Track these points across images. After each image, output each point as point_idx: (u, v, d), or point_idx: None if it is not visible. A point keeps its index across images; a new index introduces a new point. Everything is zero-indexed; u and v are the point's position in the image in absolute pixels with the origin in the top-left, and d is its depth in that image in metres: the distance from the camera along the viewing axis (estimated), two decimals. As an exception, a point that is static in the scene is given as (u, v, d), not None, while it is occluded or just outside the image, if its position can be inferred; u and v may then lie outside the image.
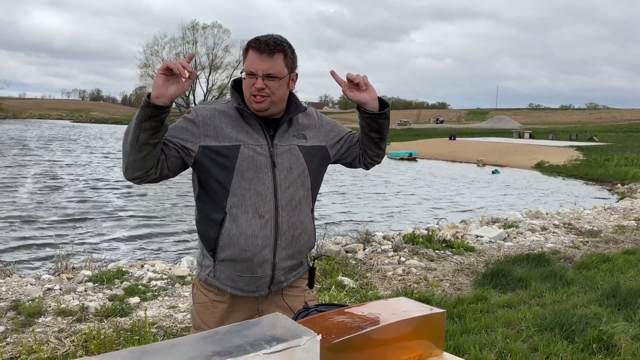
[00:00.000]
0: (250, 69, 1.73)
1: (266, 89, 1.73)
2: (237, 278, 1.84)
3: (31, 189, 14.80)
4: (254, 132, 1.80)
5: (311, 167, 1.87)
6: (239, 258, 1.80)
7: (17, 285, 4.59)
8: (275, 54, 1.72)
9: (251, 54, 1.74)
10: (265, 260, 1.80)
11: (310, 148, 1.88)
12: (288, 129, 1.86)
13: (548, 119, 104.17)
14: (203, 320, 1.90)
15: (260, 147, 1.78)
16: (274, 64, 1.73)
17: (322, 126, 1.95)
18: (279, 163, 1.79)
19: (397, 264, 5.76)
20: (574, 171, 24.06)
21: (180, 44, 66.03)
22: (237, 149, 1.76)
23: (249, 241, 1.77)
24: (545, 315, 4.07)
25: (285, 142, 1.83)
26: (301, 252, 1.90)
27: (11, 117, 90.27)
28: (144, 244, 8.94)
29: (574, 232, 7.93)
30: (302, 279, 1.98)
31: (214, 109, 1.82)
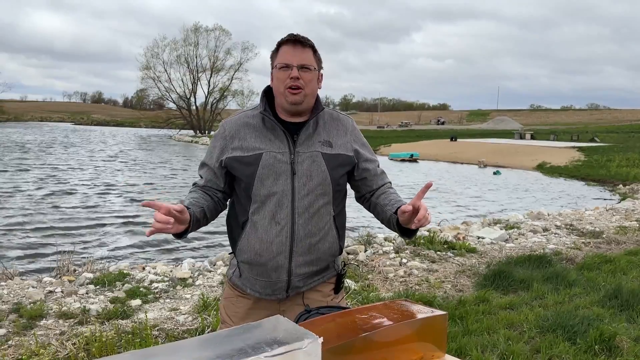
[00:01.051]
0: (285, 61, 1.77)
1: (301, 80, 1.77)
2: (254, 280, 1.87)
3: (32, 192, 14.81)
4: (276, 139, 1.81)
5: (334, 175, 1.84)
6: (254, 262, 1.84)
7: (18, 287, 4.59)
8: (307, 46, 1.80)
9: (284, 49, 1.79)
10: (279, 265, 1.81)
11: (335, 156, 1.85)
12: (313, 134, 1.85)
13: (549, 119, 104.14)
14: (228, 314, 1.97)
15: (282, 154, 1.80)
16: (307, 55, 1.80)
17: (354, 139, 1.93)
18: (298, 170, 1.79)
19: (399, 265, 5.75)
20: (576, 172, 24.03)
21: (181, 46, 66.17)
22: (259, 157, 1.79)
23: (264, 246, 1.80)
24: (548, 316, 4.06)
25: (308, 148, 1.82)
26: (322, 259, 1.88)
27: (13, 119, 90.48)
28: (145, 246, 8.94)
29: (576, 233, 7.92)
30: (327, 284, 1.95)
31: (240, 121, 1.87)
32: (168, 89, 66.23)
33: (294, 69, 1.76)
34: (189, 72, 66.77)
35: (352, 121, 1.97)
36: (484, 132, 59.86)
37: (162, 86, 65.77)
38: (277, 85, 1.80)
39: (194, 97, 67.72)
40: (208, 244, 9.14)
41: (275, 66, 1.81)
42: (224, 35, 67.13)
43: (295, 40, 1.78)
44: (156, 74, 64.69)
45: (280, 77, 1.78)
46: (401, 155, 32.94)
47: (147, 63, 64.43)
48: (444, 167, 28.81)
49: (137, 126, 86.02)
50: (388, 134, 54.16)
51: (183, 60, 66.18)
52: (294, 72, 1.76)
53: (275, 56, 1.83)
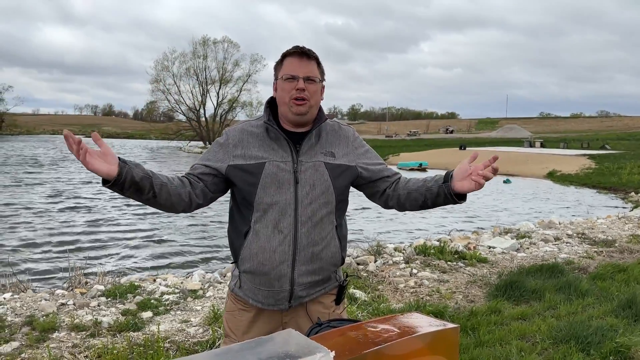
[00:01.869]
0: (291, 72, 1.80)
1: (306, 91, 1.80)
2: (257, 290, 1.88)
3: (44, 206, 14.95)
4: (280, 149, 1.83)
5: (336, 184, 1.86)
6: (257, 271, 1.84)
7: (31, 300, 4.63)
8: (312, 59, 1.84)
9: (290, 60, 1.82)
10: (282, 274, 1.82)
11: (337, 166, 1.87)
12: (316, 144, 1.87)
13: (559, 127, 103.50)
14: (231, 327, 1.97)
15: (285, 163, 1.81)
16: (312, 67, 1.83)
17: (356, 148, 1.95)
18: (301, 179, 1.81)
19: (409, 276, 5.72)
20: (587, 180, 23.84)
21: (190, 59, 66.77)
22: (262, 166, 1.81)
23: (267, 255, 1.81)
24: (560, 327, 4.02)
25: (311, 158, 1.84)
26: (324, 269, 1.89)
27: (25, 133, 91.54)
28: (156, 258, 8.97)
29: (588, 242, 7.84)
30: (329, 295, 1.96)
31: (243, 130, 1.89)
32: (178, 101, 66.82)
33: (300, 80, 1.79)
34: (198, 84, 67.35)
35: (352, 131, 1.99)
36: (494, 141, 59.63)
37: (172, 98, 66.37)
38: (282, 95, 1.83)
39: (203, 108, 68.22)
40: (218, 256, 9.16)
41: (280, 77, 1.84)
42: (232, 47, 67.72)
43: (302, 53, 1.82)
44: (166, 86, 65.33)
45: (286, 88, 1.81)
46: (410, 165, 32.88)
47: (157, 76, 65.10)
48: (453, 176, 28.68)
49: (147, 138, 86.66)
50: (396, 143, 54.13)
51: (192, 73, 66.80)
52: (300, 84, 1.79)
53: (279, 67, 1.86)
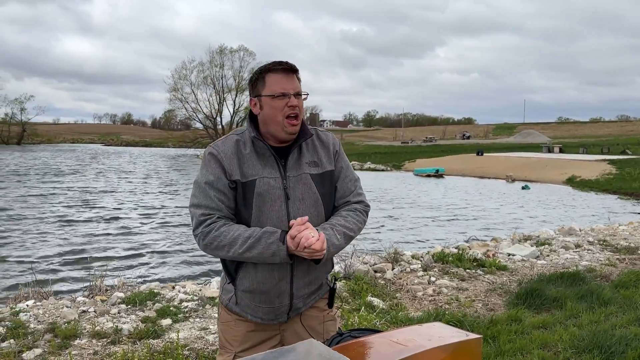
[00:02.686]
0: (281, 89, 1.76)
1: (296, 107, 1.78)
2: (257, 308, 1.88)
3: (65, 214, 15.18)
4: (267, 165, 1.82)
5: (323, 192, 1.87)
6: (257, 290, 1.84)
7: (53, 307, 4.69)
8: (297, 73, 1.82)
9: (276, 76, 1.78)
10: (282, 291, 1.83)
11: (321, 175, 1.87)
12: (300, 157, 1.86)
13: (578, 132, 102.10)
14: (227, 338, 1.96)
15: (274, 179, 1.80)
16: (298, 82, 1.82)
17: (337, 160, 1.94)
18: (291, 195, 1.81)
19: (427, 283, 5.68)
20: (607, 185, 23.46)
21: (207, 68, 67.43)
22: (253, 183, 1.79)
23: (266, 274, 1.81)
24: (583, 336, 3.95)
25: (297, 171, 1.84)
26: (319, 278, 1.93)
27: (46, 142, 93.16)
28: (174, 265, 9.05)
29: (610, 249, 7.70)
30: (322, 299, 1.99)
31: (230, 147, 1.85)
32: (195, 110, 67.50)
33: (292, 97, 1.76)
34: (215, 93, 67.98)
35: (332, 136, 1.99)
36: (511, 146, 59.00)
37: (189, 107, 67.08)
38: (272, 114, 1.78)
39: (220, 116, 68.80)
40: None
41: (266, 94, 1.78)
42: (248, 56, 68.26)
43: (287, 69, 1.78)
44: (183, 95, 66.07)
45: (278, 105, 1.76)
46: (426, 171, 32.70)
47: (174, 85, 65.88)
48: (470, 182, 28.46)
49: (165, 146, 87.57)
50: (412, 149, 53.89)
51: (209, 81, 67.46)
52: (292, 101, 1.76)
53: (261, 85, 1.80)
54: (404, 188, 24.82)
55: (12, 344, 3.80)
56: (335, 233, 1.78)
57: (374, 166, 39.25)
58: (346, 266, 5.90)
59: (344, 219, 1.85)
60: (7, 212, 14.77)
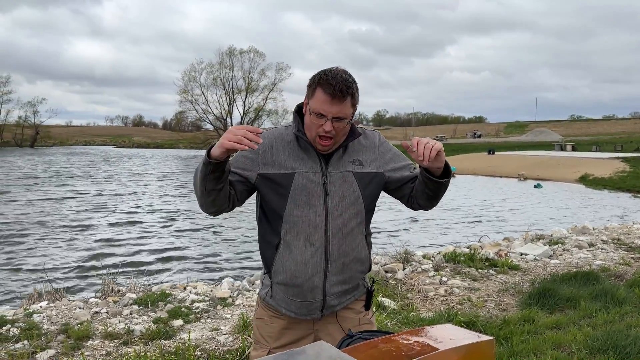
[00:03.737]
0: (320, 110, 1.72)
1: (332, 130, 1.74)
2: (290, 301, 1.88)
3: (77, 216, 15.33)
4: (309, 160, 1.82)
5: (366, 193, 1.85)
6: (290, 283, 1.85)
7: (66, 309, 4.73)
8: (346, 97, 1.72)
9: (322, 95, 1.71)
10: (315, 286, 1.83)
11: (366, 174, 1.86)
12: (343, 155, 1.85)
13: (590, 130, 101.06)
14: (262, 334, 1.98)
15: (314, 174, 1.80)
16: (344, 107, 1.73)
17: (383, 153, 1.92)
18: (331, 191, 1.80)
19: (439, 284, 5.65)
20: (621, 183, 23.20)
21: (217, 69, 67.77)
22: (292, 176, 1.79)
23: (300, 268, 1.81)
24: (597, 336, 3.90)
25: (339, 169, 1.83)
26: (354, 278, 1.90)
27: (59, 144, 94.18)
28: (186, 266, 9.09)
29: (624, 248, 7.60)
30: (359, 301, 1.98)
31: (273, 135, 1.86)
32: (205, 111, 67.91)
33: (327, 122, 1.72)
34: (225, 94, 68.31)
35: (378, 135, 1.97)
36: (523, 145, 58.53)
37: (200, 108, 67.51)
38: (309, 126, 1.78)
39: (230, 117, 69.13)
40: (246, 264, 9.22)
41: (310, 110, 1.75)
42: (258, 57, 68.54)
43: (334, 94, 1.69)
44: (194, 96, 66.49)
45: (314, 122, 1.75)
46: (437, 170, 32.51)
47: (184, 87, 66.31)
48: (482, 181, 28.28)
49: (176, 147, 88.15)
50: (423, 149, 53.49)
51: (219, 83, 67.84)
52: (327, 126, 1.72)
53: (311, 94, 1.76)
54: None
55: (26, 345, 3.84)
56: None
57: (385, 166, 39.08)
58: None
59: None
60: (20, 216, 14.95)
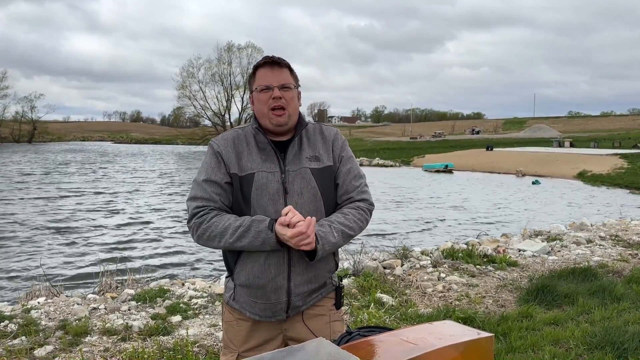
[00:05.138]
0: (265, 83, 1.82)
1: (282, 99, 1.81)
2: (253, 304, 1.87)
3: (76, 213, 15.31)
4: (267, 159, 1.84)
5: (324, 189, 1.85)
6: (253, 285, 1.83)
7: (64, 305, 4.73)
8: (284, 66, 1.85)
9: (262, 72, 1.84)
10: (279, 287, 1.81)
11: (323, 170, 1.87)
12: (300, 151, 1.87)
13: (589, 126, 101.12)
14: (230, 337, 1.96)
15: (273, 174, 1.81)
16: (285, 75, 1.85)
17: (335, 149, 1.93)
18: (290, 189, 1.81)
19: (437, 280, 5.65)
20: (619, 180, 23.25)
21: (215, 65, 67.62)
22: (252, 177, 1.81)
23: (262, 268, 1.80)
24: (595, 332, 3.91)
25: (296, 165, 1.84)
26: (320, 276, 1.89)
27: (56, 140, 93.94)
28: (184, 262, 9.09)
29: (622, 244, 7.62)
30: (327, 299, 1.95)
31: (233, 139, 1.89)
32: (203, 107, 67.82)
33: (275, 89, 1.80)
34: (223, 90, 68.19)
35: (335, 131, 1.99)
36: (521, 141, 58.54)
37: (198, 104, 67.40)
38: (259, 107, 1.84)
39: (228, 113, 69.06)
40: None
41: (255, 89, 1.85)
42: (256, 52, 68.32)
43: (273, 62, 1.84)
44: (192, 92, 66.37)
45: (262, 99, 1.82)
46: (435, 166, 32.57)
47: (183, 82, 66.18)
48: (480, 177, 28.30)
49: (174, 143, 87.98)
50: (421, 145, 53.66)
51: (217, 79, 67.70)
52: (275, 93, 1.80)
53: (253, 80, 1.87)
54: (412, 184, 24.73)
55: (24, 341, 3.84)
56: (332, 230, 1.76)
57: (383, 162, 39.14)
58: (355, 263, 5.88)
59: (344, 216, 1.82)
60: (18, 213, 14.93)
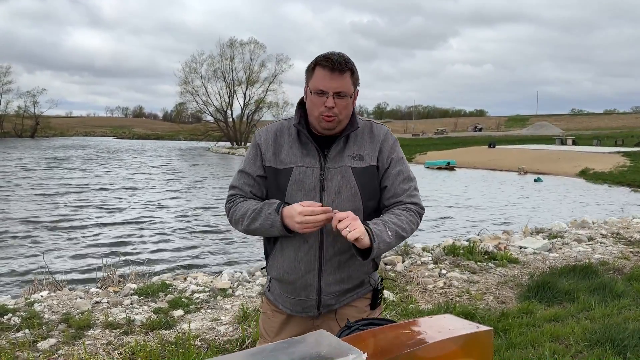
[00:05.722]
0: (320, 87, 1.72)
1: (335, 108, 1.72)
2: (285, 297, 1.88)
3: (78, 208, 15.35)
4: (308, 154, 1.79)
5: (365, 189, 1.79)
6: (283, 280, 1.85)
7: (67, 298, 4.76)
8: (345, 72, 1.73)
9: (320, 72, 1.73)
10: (308, 284, 1.80)
11: (365, 170, 1.80)
12: (344, 148, 1.81)
13: (591, 124, 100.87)
14: (265, 328, 1.99)
15: (312, 169, 1.77)
16: (344, 82, 1.73)
17: (384, 149, 1.85)
18: (327, 187, 1.76)
19: (438, 276, 5.67)
20: (621, 178, 23.20)
21: (218, 61, 67.53)
22: (290, 171, 1.78)
23: (292, 265, 1.80)
24: (595, 329, 3.92)
25: (338, 163, 1.78)
26: (354, 277, 1.84)
27: (59, 135, 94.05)
28: (186, 257, 9.12)
29: (623, 242, 7.63)
30: (363, 299, 1.90)
31: (275, 132, 1.86)
32: (206, 103, 67.69)
33: (329, 97, 1.71)
34: (225, 86, 68.10)
35: (386, 131, 1.88)
36: (524, 139, 58.46)
37: (200, 100, 67.30)
38: (311, 108, 1.77)
39: (230, 109, 68.93)
40: (246, 255, 9.25)
41: (309, 88, 1.76)
42: (259, 48, 68.20)
43: (333, 68, 1.71)
44: (194, 88, 66.29)
45: (316, 102, 1.74)
46: (437, 164, 32.51)
47: (185, 78, 66.09)
48: (482, 174, 28.27)
49: (176, 139, 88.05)
50: (423, 142, 53.60)
51: (220, 74, 67.58)
52: (329, 102, 1.71)
53: (310, 76, 1.77)
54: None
55: (27, 334, 3.87)
56: (387, 229, 1.69)
57: (385, 159, 39.02)
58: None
59: (396, 217, 1.75)
60: (20, 208, 14.98)
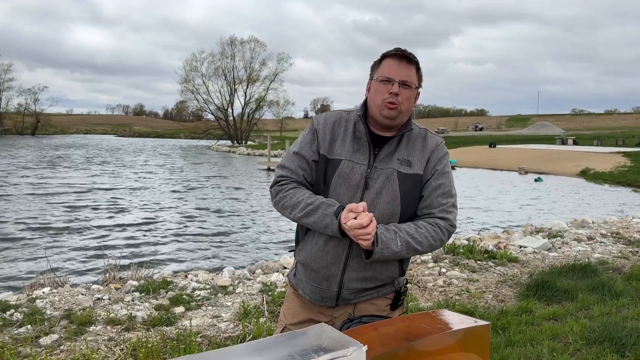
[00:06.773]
0: (387, 74, 1.74)
1: (399, 97, 1.73)
2: (306, 283, 1.89)
3: (81, 206, 15.38)
4: (359, 150, 1.80)
5: (406, 195, 1.78)
6: (308, 266, 1.86)
7: (69, 295, 4.78)
8: (412, 63, 1.76)
9: (388, 62, 1.76)
10: (331, 275, 1.81)
11: (410, 176, 1.79)
12: (395, 151, 1.81)
13: (592, 124, 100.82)
14: (283, 311, 2.02)
15: (359, 166, 1.78)
16: (410, 73, 1.76)
17: (432, 160, 1.84)
18: (370, 185, 1.77)
19: (438, 275, 5.69)
20: (622, 178, 23.22)
21: (218, 59, 67.58)
22: (338, 163, 1.78)
23: (320, 254, 1.81)
24: (594, 328, 3.95)
25: (386, 165, 1.79)
26: (377, 278, 1.84)
27: (59, 132, 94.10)
28: (187, 254, 9.14)
29: (623, 242, 7.65)
30: (384, 299, 1.91)
31: (333, 120, 1.86)
32: (206, 101, 67.84)
33: (395, 84, 1.72)
34: (226, 84, 68.17)
35: (439, 142, 1.87)
36: (525, 138, 58.43)
37: (201, 98, 67.42)
38: (374, 97, 1.77)
39: (231, 108, 69.06)
40: (247, 253, 9.27)
41: (375, 78, 1.78)
42: (259, 47, 68.39)
43: (402, 55, 1.74)
44: (195, 86, 66.37)
45: (380, 89, 1.75)
46: (438, 163, 32.50)
47: (186, 76, 66.17)
48: (483, 174, 28.29)
49: (177, 137, 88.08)
50: (425, 142, 53.39)
51: (220, 73, 67.66)
52: (394, 88, 1.72)
53: (377, 67, 1.79)
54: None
55: (30, 330, 3.89)
56: (397, 238, 1.69)
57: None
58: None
59: (416, 228, 1.74)
60: (22, 206, 15.01)
